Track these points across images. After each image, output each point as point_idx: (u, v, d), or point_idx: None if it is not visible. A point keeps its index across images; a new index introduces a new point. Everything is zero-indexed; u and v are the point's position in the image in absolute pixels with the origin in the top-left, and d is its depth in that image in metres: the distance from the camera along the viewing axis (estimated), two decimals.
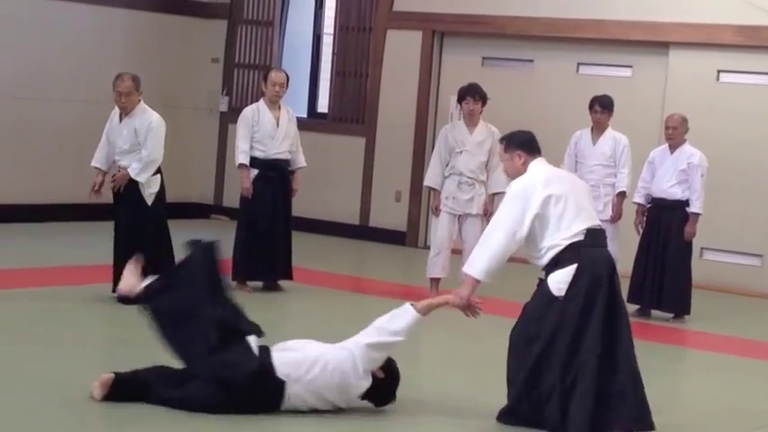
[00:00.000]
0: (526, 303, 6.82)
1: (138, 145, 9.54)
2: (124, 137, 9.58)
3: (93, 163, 9.82)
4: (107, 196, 9.75)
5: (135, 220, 9.57)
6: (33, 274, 10.66)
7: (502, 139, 7.06)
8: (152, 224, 9.63)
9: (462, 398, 7.36)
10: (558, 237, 6.59)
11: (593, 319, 6.55)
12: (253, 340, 6.58)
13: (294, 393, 6.49)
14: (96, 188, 9.72)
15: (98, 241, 9.77)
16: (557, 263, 6.62)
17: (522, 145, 6.91)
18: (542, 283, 6.71)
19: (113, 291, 9.58)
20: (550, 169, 6.89)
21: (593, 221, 6.73)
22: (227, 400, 6.40)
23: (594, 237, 6.67)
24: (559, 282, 6.60)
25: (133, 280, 6.89)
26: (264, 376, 6.43)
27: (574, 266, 6.56)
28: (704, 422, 7.38)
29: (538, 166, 6.84)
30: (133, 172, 9.53)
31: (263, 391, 6.45)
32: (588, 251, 6.60)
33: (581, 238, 6.60)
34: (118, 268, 9.59)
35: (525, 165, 6.86)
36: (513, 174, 6.89)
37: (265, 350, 6.56)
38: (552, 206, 6.61)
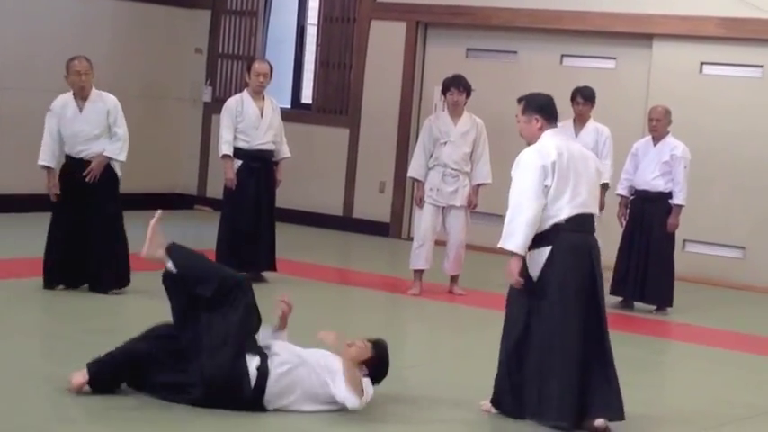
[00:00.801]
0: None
1: (108, 128, 9.43)
2: (93, 122, 9.40)
3: (43, 162, 9.40)
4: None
5: (108, 204, 9.47)
6: (11, 264, 10.64)
7: (521, 100, 6.91)
8: (119, 205, 9.59)
9: (447, 390, 7.36)
10: (546, 217, 6.59)
11: (569, 305, 6.56)
12: (254, 361, 6.40)
13: (273, 407, 6.47)
14: (57, 191, 9.41)
15: None
16: (538, 241, 6.62)
17: (541, 109, 6.81)
18: (524, 262, 6.73)
19: (50, 285, 9.43)
20: (564, 143, 6.76)
21: (585, 208, 6.66)
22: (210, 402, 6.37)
23: (578, 222, 6.62)
24: (536, 263, 6.63)
25: (161, 238, 6.66)
26: (251, 400, 6.39)
27: (549, 248, 6.59)
28: (688, 413, 7.40)
29: (551, 138, 6.73)
30: (114, 153, 9.42)
31: (244, 403, 6.40)
32: (567, 236, 6.58)
33: (563, 222, 6.59)
34: (77, 262, 9.45)
35: (542, 130, 6.76)
36: (529, 138, 6.79)
37: (263, 376, 6.39)
38: (554, 182, 6.57)
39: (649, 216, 10.63)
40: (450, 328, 9.77)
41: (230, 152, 10.47)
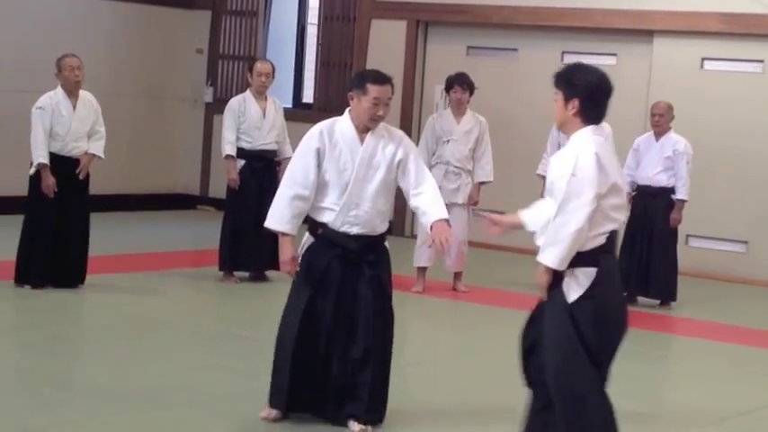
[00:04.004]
0: None
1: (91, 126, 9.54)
2: (85, 120, 9.48)
3: (45, 159, 9.24)
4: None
5: (88, 201, 9.58)
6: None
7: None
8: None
9: (448, 386, 7.37)
10: None
11: None
12: None
13: None
14: (56, 188, 9.32)
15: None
16: None
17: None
18: None
19: (33, 284, 9.37)
20: None
21: None
22: None
23: None
24: None
25: None
26: None
27: None
28: (691, 407, 7.41)
29: None
30: (100, 150, 9.53)
31: None
32: None
33: None
34: (70, 257, 9.47)
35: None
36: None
37: None
38: None
39: (652, 211, 10.63)
40: (453, 325, 9.79)
41: (233, 152, 10.48)
